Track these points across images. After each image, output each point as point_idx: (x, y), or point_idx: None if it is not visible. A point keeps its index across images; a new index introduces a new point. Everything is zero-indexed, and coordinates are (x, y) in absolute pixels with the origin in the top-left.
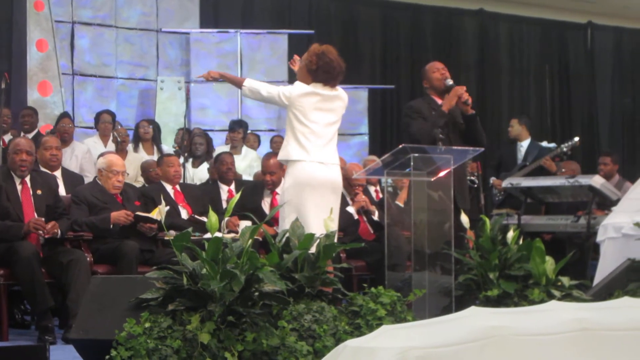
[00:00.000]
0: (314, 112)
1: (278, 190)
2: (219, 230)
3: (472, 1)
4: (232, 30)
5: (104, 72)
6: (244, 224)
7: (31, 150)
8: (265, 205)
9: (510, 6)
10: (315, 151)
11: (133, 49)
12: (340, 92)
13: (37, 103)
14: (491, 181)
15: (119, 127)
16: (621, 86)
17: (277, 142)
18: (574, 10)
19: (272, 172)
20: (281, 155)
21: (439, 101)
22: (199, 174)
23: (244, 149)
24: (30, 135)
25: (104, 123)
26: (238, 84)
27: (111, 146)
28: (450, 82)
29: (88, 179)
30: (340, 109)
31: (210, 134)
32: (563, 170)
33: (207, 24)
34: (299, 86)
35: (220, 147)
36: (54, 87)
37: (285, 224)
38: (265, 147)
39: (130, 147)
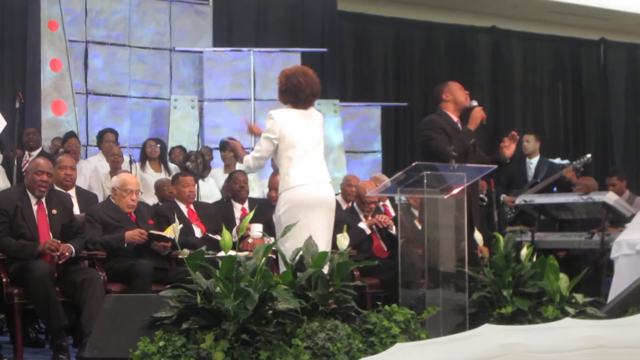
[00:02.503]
0: (301, 133)
1: None
2: (233, 248)
3: (485, 19)
4: (245, 49)
5: (118, 91)
6: (256, 227)
7: (51, 172)
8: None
9: (523, 23)
10: (311, 173)
11: (146, 68)
12: (313, 111)
13: (51, 122)
14: (502, 198)
15: (115, 146)
16: (634, 103)
17: None
18: (586, 27)
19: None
20: (282, 187)
21: (455, 118)
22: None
23: (238, 166)
24: (35, 153)
25: (108, 142)
26: (241, 160)
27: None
28: (475, 103)
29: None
30: (319, 128)
31: (222, 153)
32: (578, 187)
33: (220, 42)
34: (277, 114)
35: (218, 168)
36: (67, 106)
37: (285, 247)
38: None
39: (137, 165)
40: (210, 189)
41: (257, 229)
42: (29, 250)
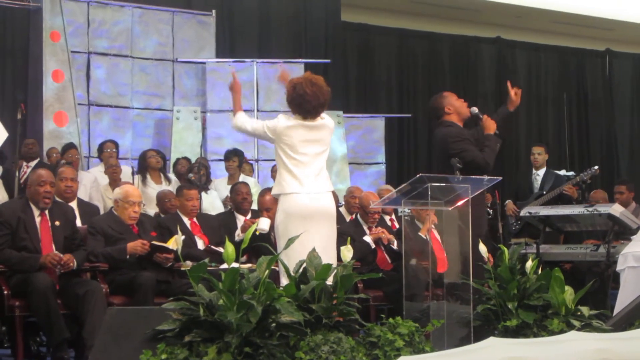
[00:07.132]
0: (302, 144)
1: None
2: (236, 261)
3: (490, 29)
4: (248, 60)
5: (120, 102)
6: (265, 221)
7: (53, 182)
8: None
9: (528, 34)
10: (308, 182)
11: (149, 79)
12: (325, 119)
13: (53, 133)
14: (506, 204)
15: (113, 157)
16: None
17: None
18: (592, 38)
19: (268, 209)
20: (275, 190)
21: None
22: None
23: (242, 177)
24: (33, 164)
25: (108, 152)
26: (234, 112)
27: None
28: (475, 110)
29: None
30: (326, 138)
31: (227, 163)
32: (591, 200)
33: (223, 53)
34: (282, 119)
35: (221, 179)
36: (69, 118)
37: (282, 256)
38: (266, 175)
39: (137, 177)
40: (212, 202)
41: (264, 223)
42: (30, 263)
